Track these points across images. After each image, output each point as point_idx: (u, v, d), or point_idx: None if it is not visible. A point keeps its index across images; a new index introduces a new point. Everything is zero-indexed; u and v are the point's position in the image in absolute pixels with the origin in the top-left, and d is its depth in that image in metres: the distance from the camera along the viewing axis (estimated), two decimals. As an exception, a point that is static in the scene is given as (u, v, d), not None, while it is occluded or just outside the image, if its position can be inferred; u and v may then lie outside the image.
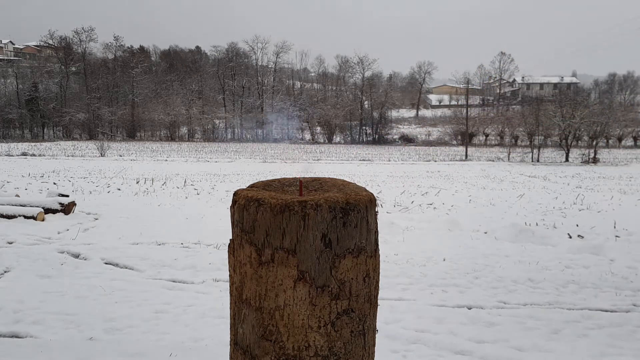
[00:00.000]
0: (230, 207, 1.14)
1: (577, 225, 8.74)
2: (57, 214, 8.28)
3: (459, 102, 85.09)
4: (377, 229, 1.15)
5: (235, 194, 1.14)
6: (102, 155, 31.85)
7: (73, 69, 63.54)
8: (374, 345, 1.19)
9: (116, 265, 5.43)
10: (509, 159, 34.91)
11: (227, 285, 4.52)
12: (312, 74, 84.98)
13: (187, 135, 59.16)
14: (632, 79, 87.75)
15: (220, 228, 7.64)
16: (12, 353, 2.69)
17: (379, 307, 1.27)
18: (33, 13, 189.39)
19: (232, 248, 1.13)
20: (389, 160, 32.62)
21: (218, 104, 62.18)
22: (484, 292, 4.79)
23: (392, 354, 3.15)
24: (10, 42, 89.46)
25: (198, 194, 12.56)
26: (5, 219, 7.64)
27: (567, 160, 34.07)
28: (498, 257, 6.22)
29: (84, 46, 65.34)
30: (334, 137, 58.78)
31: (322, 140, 58.35)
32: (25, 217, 7.72)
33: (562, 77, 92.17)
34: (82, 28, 71.89)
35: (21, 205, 8.12)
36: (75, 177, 17.04)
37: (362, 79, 65.48)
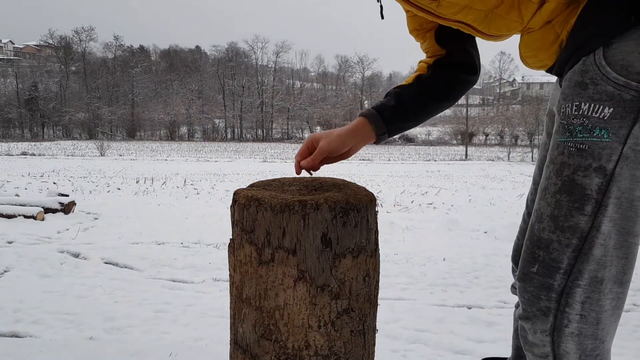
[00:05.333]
0: (230, 206, 1.14)
1: (577, 225, 8.74)
2: (57, 213, 8.27)
3: (459, 102, 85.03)
4: (377, 228, 1.15)
5: (235, 193, 1.14)
6: (102, 154, 31.85)
7: (73, 68, 63.63)
8: (374, 344, 1.19)
9: (116, 264, 5.42)
10: (509, 159, 34.91)
11: (227, 284, 4.53)
12: (312, 74, 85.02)
13: (187, 134, 59.27)
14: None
15: (220, 228, 7.64)
16: (12, 353, 2.69)
17: (379, 307, 1.27)
18: (33, 13, 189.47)
19: (232, 248, 1.13)
20: (389, 160, 32.62)
21: (218, 104, 62.22)
22: (484, 291, 4.79)
23: (392, 354, 3.15)
24: (10, 41, 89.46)
25: (198, 194, 12.56)
26: (4, 219, 7.64)
27: (567, 159, 34.04)
28: (498, 257, 6.21)
29: (84, 46, 65.50)
30: (334, 136, 58.67)
31: (322, 140, 58.26)
32: (25, 216, 7.72)
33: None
34: (82, 27, 72.09)
35: (21, 205, 8.12)
36: (75, 177, 17.04)
37: (362, 78, 65.52)
